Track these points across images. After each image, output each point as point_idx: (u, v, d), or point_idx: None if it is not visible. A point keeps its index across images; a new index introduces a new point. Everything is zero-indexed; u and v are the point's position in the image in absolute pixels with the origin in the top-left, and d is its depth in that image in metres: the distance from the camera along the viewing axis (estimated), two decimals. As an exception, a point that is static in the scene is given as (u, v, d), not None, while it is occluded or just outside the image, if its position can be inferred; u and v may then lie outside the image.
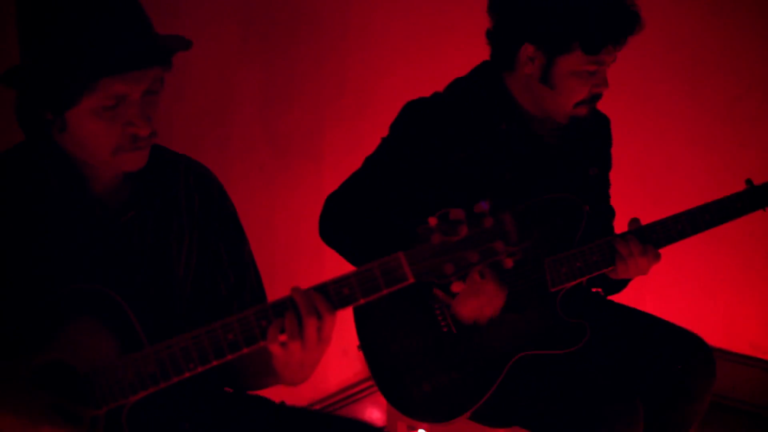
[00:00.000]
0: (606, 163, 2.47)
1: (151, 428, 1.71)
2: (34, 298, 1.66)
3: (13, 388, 1.57)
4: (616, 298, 2.48)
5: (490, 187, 2.21)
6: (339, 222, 2.19)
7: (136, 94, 1.61)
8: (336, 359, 3.37)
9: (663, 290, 3.50)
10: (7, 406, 1.55)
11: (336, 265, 2.01)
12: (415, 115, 2.24)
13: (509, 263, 1.56)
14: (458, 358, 2.21)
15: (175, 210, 1.80)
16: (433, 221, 1.55)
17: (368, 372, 3.46)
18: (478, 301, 2.12)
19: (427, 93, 2.30)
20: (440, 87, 2.33)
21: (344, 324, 2.32)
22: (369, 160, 2.25)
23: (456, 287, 1.99)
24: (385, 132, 2.29)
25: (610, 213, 2.50)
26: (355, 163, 2.28)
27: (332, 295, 1.60)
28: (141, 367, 1.61)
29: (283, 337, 1.59)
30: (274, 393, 1.92)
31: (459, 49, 3.24)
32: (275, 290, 1.79)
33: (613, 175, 2.51)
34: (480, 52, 2.35)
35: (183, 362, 1.60)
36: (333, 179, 2.32)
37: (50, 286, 1.67)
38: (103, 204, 1.74)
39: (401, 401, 2.26)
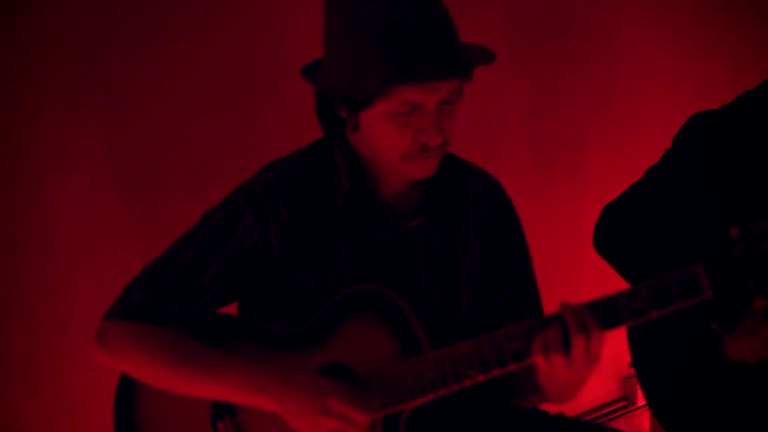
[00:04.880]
0: None
1: None
2: (319, 297, 1.69)
3: (301, 373, 1.63)
4: None
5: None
6: (618, 232, 2.12)
7: (432, 103, 1.56)
8: (591, 376, 3.27)
9: None
10: (297, 385, 1.60)
11: (595, 278, 1.94)
12: (702, 128, 2.13)
13: None
14: (739, 385, 2.08)
15: (462, 218, 1.79)
16: (734, 232, 1.46)
17: (622, 392, 3.41)
18: (752, 341, 1.97)
19: (693, 107, 2.19)
20: (705, 101, 2.22)
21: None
22: (652, 171, 2.16)
23: (759, 303, 1.86)
24: (652, 144, 2.21)
25: None
26: (619, 174, 2.21)
27: (601, 313, 1.52)
28: (422, 372, 1.59)
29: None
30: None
31: (728, 63, 3.09)
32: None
33: None
34: (748, 68, 2.21)
35: (463, 369, 1.57)
36: (596, 190, 2.25)
37: (334, 285, 1.70)
38: (392, 207, 1.74)
39: (674, 425, 2.16)
